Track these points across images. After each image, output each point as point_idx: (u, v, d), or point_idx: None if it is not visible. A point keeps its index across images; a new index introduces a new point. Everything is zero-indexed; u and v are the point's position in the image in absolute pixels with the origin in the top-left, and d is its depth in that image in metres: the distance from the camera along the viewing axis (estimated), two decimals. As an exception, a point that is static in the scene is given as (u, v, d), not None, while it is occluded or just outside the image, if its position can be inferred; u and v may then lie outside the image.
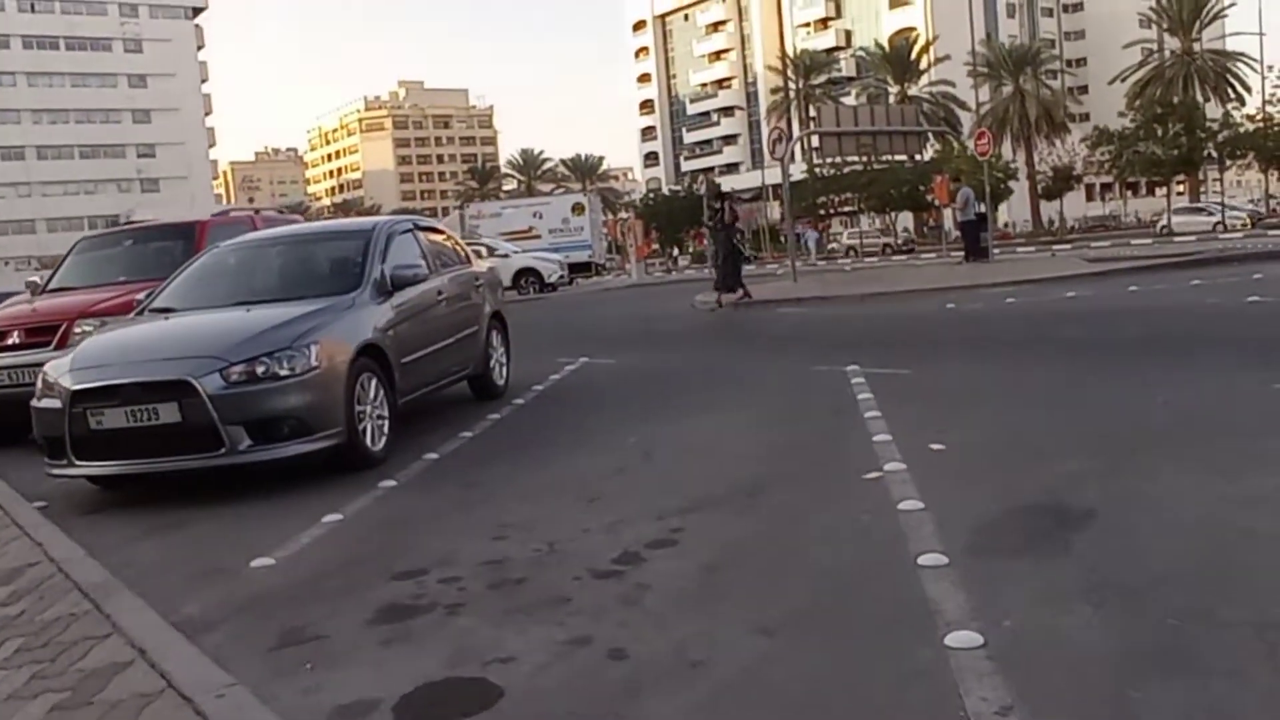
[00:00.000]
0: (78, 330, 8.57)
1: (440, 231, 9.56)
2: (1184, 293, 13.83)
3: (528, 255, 31.11)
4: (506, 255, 30.62)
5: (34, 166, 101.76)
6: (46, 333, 8.79)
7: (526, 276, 30.23)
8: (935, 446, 5.58)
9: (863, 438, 5.92)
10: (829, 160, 62.99)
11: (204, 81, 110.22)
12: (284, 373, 6.00)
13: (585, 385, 9.93)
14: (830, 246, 77.76)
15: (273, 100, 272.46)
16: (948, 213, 43.95)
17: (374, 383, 6.69)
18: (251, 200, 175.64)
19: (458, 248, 9.51)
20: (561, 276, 31.07)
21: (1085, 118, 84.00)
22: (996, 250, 29.64)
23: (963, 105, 74.98)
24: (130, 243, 10.97)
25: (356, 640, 3.58)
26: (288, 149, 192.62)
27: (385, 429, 6.75)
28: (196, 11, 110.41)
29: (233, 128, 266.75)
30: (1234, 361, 7.94)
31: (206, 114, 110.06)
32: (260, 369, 5.97)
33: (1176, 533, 3.93)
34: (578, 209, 39.56)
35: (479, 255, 10.72)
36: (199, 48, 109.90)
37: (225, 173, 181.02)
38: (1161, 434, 5.59)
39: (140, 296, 7.85)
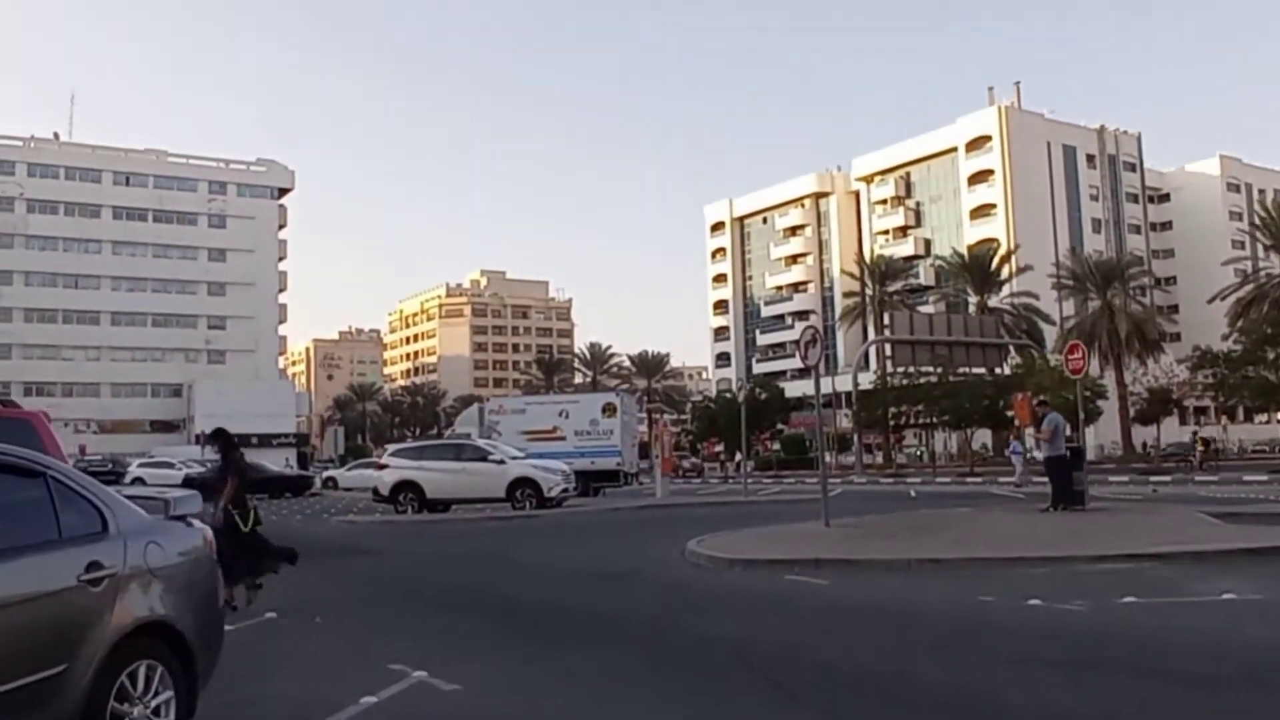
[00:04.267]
0: None
1: (29, 470, 5.05)
2: None
3: (524, 464, 26.61)
4: (501, 461, 26.23)
5: (108, 332, 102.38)
6: None
7: (522, 488, 25.72)
8: None
9: None
10: (901, 370, 58.98)
11: (281, 259, 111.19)
12: None
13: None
14: (899, 459, 72.69)
15: (361, 281, 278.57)
16: (1029, 431, 39.28)
17: None
18: (330, 378, 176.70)
19: (66, 507, 4.98)
20: (565, 490, 26.45)
21: (1176, 337, 79.16)
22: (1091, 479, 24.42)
23: (1046, 318, 70.64)
24: None
25: None
26: (370, 329, 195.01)
27: None
28: (283, 192, 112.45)
29: (321, 306, 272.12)
30: None
31: (280, 290, 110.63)
32: None
33: None
34: (609, 410, 35.21)
35: (161, 511, 5.98)
36: (280, 226, 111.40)
37: (308, 349, 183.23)
38: None
39: None
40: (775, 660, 7.37)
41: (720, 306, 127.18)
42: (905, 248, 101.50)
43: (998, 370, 55.46)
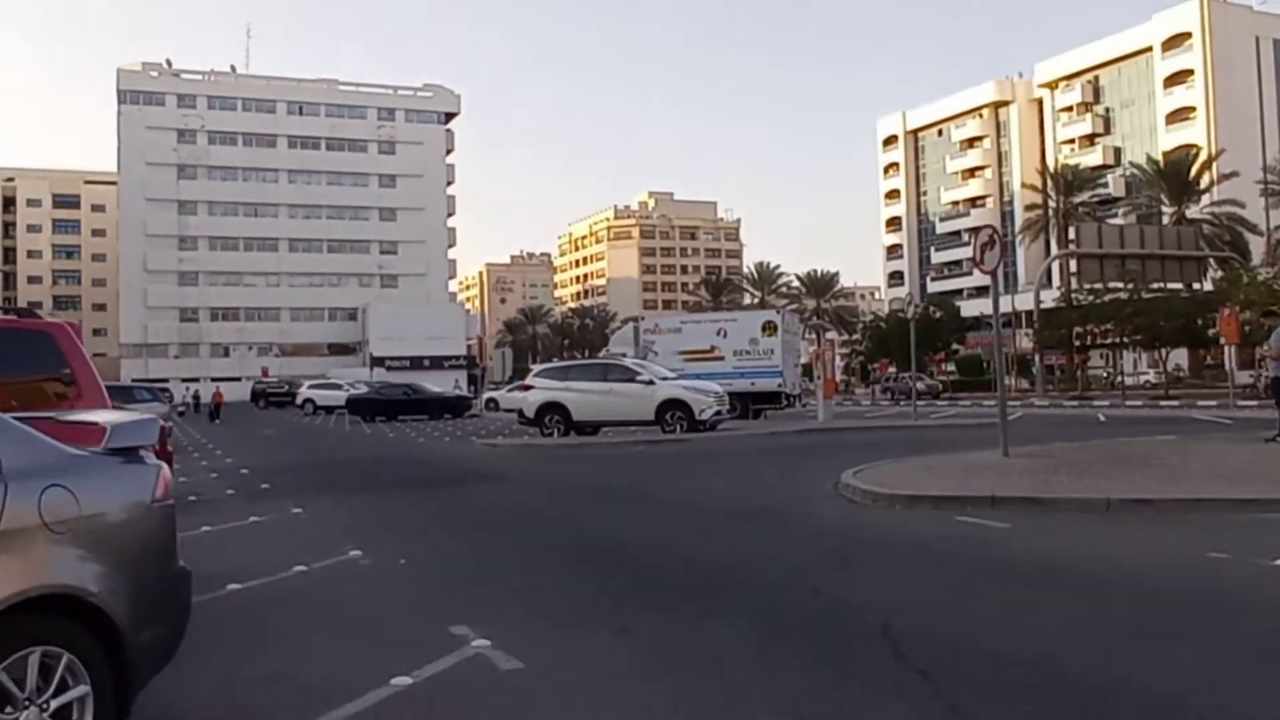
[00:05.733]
0: None
1: None
2: None
3: (674, 384, 25.02)
4: (650, 382, 24.72)
5: (285, 258, 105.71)
6: None
7: (672, 411, 24.16)
8: None
9: None
10: (1088, 286, 54.84)
11: (449, 184, 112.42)
12: None
13: None
14: (1084, 381, 68.13)
15: (532, 205, 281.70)
16: (1229, 351, 35.48)
17: None
18: (503, 301, 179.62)
19: None
20: (719, 412, 24.75)
21: (1407, 251, 71.28)
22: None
23: (1252, 229, 64.45)
24: None
25: None
26: (541, 253, 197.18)
27: None
28: (449, 116, 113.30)
29: (493, 230, 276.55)
30: None
31: (449, 215, 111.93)
32: None
33: None
34: (769, 328, 33.23)
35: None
36: (448, 151, 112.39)
37: (481, 274, 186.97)
38: None
39: None
40: (936, 645, 5.52)
41: (893, 223, 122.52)
42: (1093, 157, 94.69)
43: (1196, 285, 50.88)
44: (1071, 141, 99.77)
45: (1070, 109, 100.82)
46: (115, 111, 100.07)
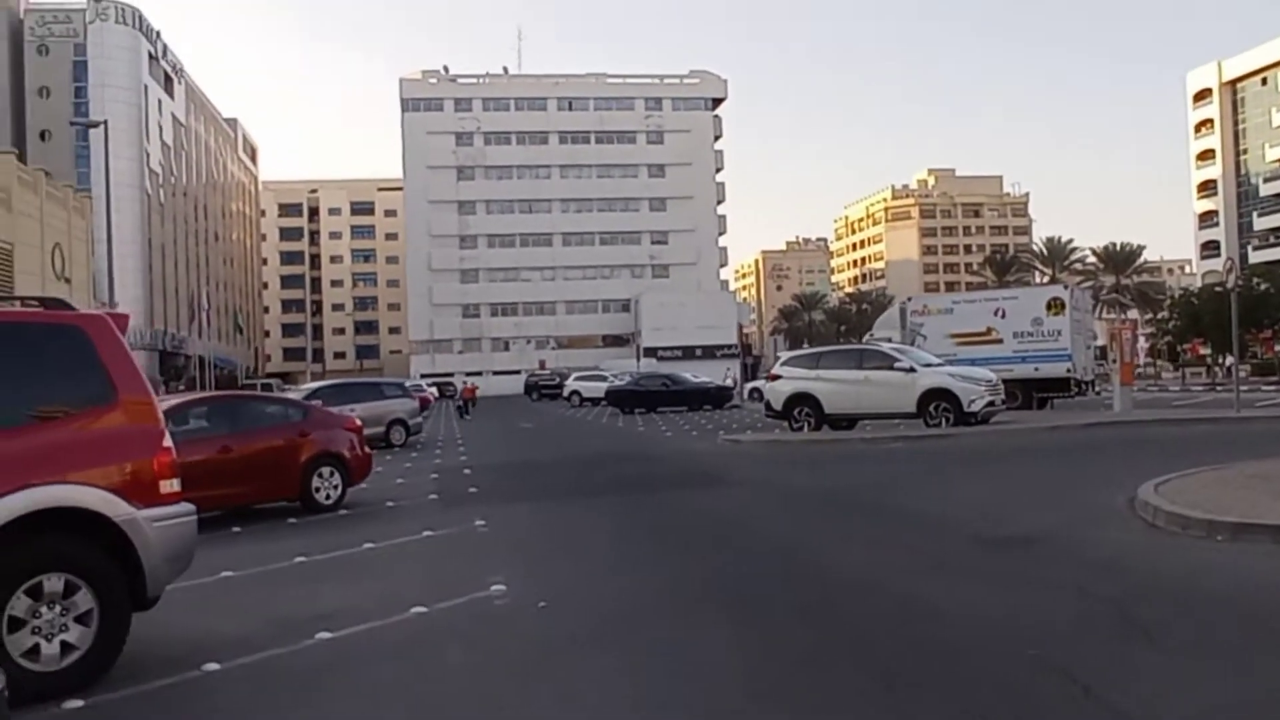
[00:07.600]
0: None
1: None
2: None
3: (939, 372, 22.03)
4: (911, 369, 21.87)
5: (559, 252, 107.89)
6: None
7: (936, 402, 21.25)
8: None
9: None
10: None
11: (718, 170, 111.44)
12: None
13: None
14: None
15: (806, 190, 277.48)
16: None
17: None
18: (779, 288, 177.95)
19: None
20: (991, 403, 21.60)
21: None
22: None
23: None
24: None
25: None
26: (817, 239, 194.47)
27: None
28: (717, 102, 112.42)
29: (768, 217, 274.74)
30: None
31: (719, 202, 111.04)
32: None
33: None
34: (1055, 306, 29.34)
35: None
36: (716, 137, 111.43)
37: (757, 261, 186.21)
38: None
39: None
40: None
41: (1206, 188, 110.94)
42: None
43: None
44: None
45: None
46: (399, 119, 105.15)
